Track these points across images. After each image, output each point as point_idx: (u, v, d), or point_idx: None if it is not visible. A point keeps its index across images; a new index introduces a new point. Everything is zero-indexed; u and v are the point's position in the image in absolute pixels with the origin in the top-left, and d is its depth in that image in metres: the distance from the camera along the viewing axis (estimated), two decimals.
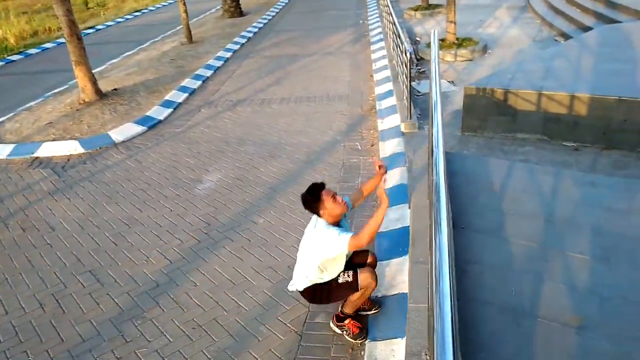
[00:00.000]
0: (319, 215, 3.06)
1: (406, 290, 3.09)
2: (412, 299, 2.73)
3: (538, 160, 5.67)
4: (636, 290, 2.67)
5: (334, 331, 3.28)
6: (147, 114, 8.31)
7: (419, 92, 8.51)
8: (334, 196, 2.99)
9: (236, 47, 13.08)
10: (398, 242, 3.86)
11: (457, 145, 6.52)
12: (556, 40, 10.58)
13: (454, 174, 4.08)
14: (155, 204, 5.52)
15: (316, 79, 9.81)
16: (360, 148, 6.56)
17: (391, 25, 9.90)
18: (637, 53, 6.98)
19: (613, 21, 9.78)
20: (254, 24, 15.97)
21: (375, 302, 3.38)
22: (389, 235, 4.09)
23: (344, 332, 3.23)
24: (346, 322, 3.23)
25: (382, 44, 11.62)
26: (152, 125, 7.93)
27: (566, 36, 10.30)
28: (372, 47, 11.77)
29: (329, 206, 2.97)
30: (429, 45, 10.82)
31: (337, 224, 3.05)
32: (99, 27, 18.45)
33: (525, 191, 3.72)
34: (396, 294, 3.36)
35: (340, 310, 3.26)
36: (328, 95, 8.77)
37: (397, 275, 3.54)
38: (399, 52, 7.89)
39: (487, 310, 2.60)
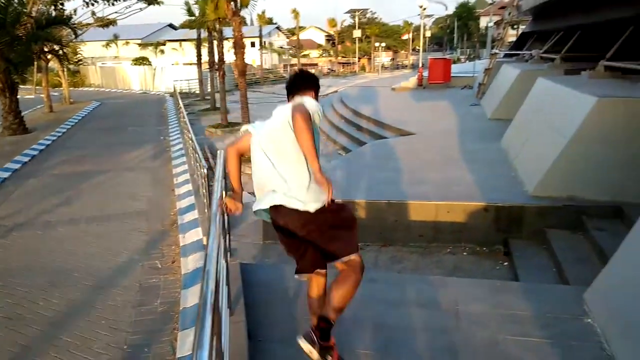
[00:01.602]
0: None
1: None
2: None
3: None
4: None
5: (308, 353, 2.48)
6: None
7: None
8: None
9: (17, 165, 11.72)
10: None
11: (259, 253, 6.69)
12: (339, 153, 12.08)
13: (252, 285, 4.12)
14: None
15: (112, 196, 9.26)
16: (160, 266, 6.23)
17: (191, 141, 10.14)
18: (399, 164, 8.37)
19: (382, 137, 11.66)
20: (41, 141, 14.70)
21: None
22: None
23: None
24: (332, 341, 2.53)
25: (184, 159, 11.74)
26: None
27: (347, 150, 11.86)
28: (174, 162, 11.77)
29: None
30: None
31: None
32: None
33: None
34: None
35: (326, 315, 2.57)
36: (125, 213, 8.30)
37: None
38: (199, 166, 8.04)
39: None
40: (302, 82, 2.85)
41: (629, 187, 5.69)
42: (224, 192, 3.11)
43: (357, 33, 55.55)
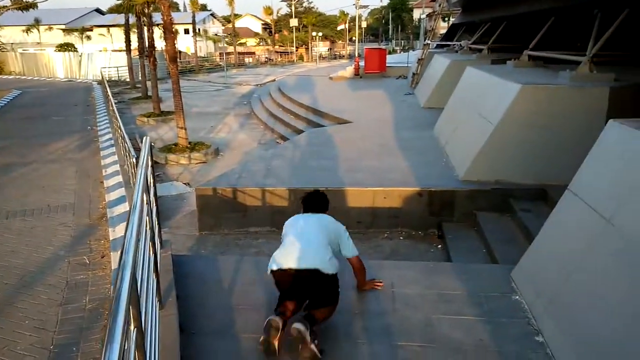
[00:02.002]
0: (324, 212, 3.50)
1: None
2: None
3: (269, 251, 6.04)
4: None
5: (299, 331, 2.85)
6: None
7: None
8: None
9: None
10: None
11: (195, 244, 6.50)
12: (277, 142, 11.97)
13: (185, 277, 3.98)
14: None
15: (35, 189, 8.65)
16: (88, 262, 5.89)
17: (120, 130, 9.67)
18: (336, 151, 8.40)
19: (319, 125, 11.66)
20: None
21: None
22: None
23: (311, 339, 2.87)
24: (315, 328, 2.97)
25: (113, 149, 11.18)
26: None
27: (285, 138, 11.76)
28: (102, 153, 11.19)
29: None
30: (162, 149, 10.89)
31: None
32: None
33: (253, 283, 3.85)
34: None
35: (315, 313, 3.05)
36: (49, 206, 7.78)
37: None
38: (128, 156, 7.68)
39: None
40: (318, 202, 3.60)
41: (552, 170, 6.01)
42: (150, 178, 2.95)
43: (293, 22, 55.19)
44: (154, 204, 3.82)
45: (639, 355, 2.37)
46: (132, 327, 1.72)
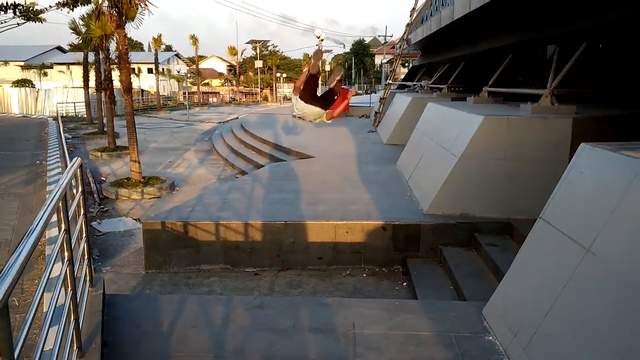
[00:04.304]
0: None
1: None
2: None
3: (222, 289, 5.55)
4: None
5: None
6: None
7: (99, 232, 7.72)
8: None
9: None
10: None
11: (140, 284, 5.92)
12: (237, 177, 11.55)
13: (117, 319, 3.47)
14: None
15: None
16: (17, 304, 5.25)
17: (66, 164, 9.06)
18: (297, 184, 8.06)
19: (281, 161, 11.34)
20: None
21: None
22: None
23: None
24: None
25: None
26: None
27: (245, 174, 11.36)
28: (49, 188, 10.48)
29: None
30: (113, 184, 10.29)
31: None
32: None
33: (196, 326, 3.38)
34: None
35: None
36: None
37: None
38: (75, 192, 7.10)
39: None
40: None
41: (516, 203, 5.85)
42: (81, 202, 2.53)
43: (258, 63, 55.78)
44: (84, 233, 3.36)
45: None
46: None
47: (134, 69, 32.75)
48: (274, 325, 3.41)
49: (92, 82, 22.48)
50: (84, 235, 3.40)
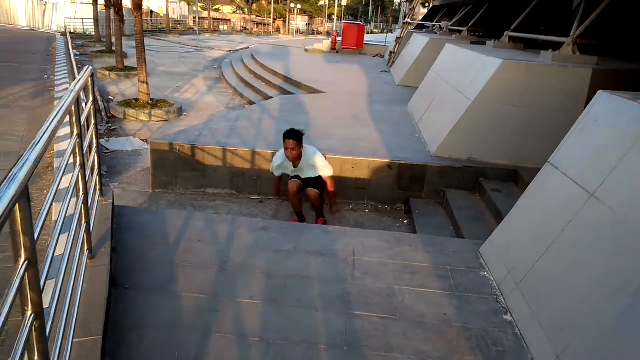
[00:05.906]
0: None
1: None
2: None
3: (227, 213, 5.67)
4: (298, 330, 2.64)
5: None
6: None
7: (107, 149, 7.78)
8: None
9: None
10: None
11: (147, 202, 6.05)
12: (245, 107, 11.47)
13: (126, 229, 3.58)
14: None
15: None
16: None
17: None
18: (306, 118, 8.01)
19: (291, 94, 11.22)
20: None
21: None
22: None
23: None
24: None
25: None
26: None
27: (254, 104, 11.27)
28: (57, 102, 10.44)
29: None
30: (121, 103, 10.24)
31: None
32: None
33: (202, 240, 3.49)
34: None
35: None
36: None
37: None
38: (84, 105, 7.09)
39: None
40: (297, 137, 5.10)
41: (525, 151, 5.83)
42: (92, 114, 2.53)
43: None
44: (94, 144, 3.39)
45: (618, 330, 2.15)
46: (22, 258, 1.35)
47: None
48: (277, 247, 3.52)
49: None
50: (95, 145, 3.43)
